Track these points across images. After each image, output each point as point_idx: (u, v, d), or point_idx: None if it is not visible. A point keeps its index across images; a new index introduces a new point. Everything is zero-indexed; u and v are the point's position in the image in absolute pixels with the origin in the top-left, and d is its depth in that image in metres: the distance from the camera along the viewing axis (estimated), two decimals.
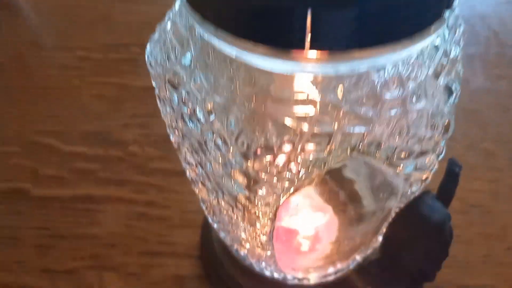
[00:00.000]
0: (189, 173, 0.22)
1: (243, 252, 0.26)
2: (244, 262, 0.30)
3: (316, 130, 0.15)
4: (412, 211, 0.19)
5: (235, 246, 0.26)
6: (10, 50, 0.50)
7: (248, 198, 0.18)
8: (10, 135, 0.43)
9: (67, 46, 0.51)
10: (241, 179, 0.17)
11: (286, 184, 0.17)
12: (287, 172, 0.16)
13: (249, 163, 0.16)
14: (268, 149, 0.15)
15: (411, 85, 0.15)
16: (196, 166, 0.21)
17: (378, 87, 0.15)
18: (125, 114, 0.44)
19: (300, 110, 0.15)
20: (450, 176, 0.21)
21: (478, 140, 0.41)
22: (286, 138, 0.15)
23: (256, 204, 0.18)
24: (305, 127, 0.15)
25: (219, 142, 0.16)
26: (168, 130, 0.22)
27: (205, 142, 0.18)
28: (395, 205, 0.19)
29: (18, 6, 0.54)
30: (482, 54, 0.48)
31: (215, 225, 0.26)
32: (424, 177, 0.18)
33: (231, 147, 0.16)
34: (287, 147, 0.15)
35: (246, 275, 0.31)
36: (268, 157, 0.15)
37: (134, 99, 0.46)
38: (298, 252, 0.27)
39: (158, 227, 0.37)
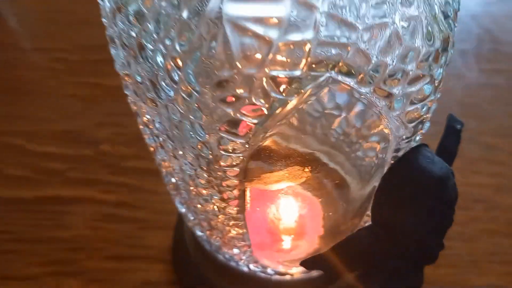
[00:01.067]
0: (148, 135, 0.19)
1: (216, 241, 0.23)
2: (220, 262, 0.26)
3: (289, 37, 0.12)
4: (409, 163, 0.15)
5: (206, 235, 0.23)
6: None
7: (208, 146, 0.15)
8: None
9: (44, 47, 0.49)
10: (198, 115, 0.14)
11: (252, 119, 0.13)
12: (254, 98, 0.13)
13: (207, 92, 0.13)
14: (229, 66, 0.12)
15: None
16: (153, 122, 0.18)
17: None
18: (99, 113, 0.41)
19: (267, 11, 0.12)
20: (451, 133, 0.18)
21: (477, 133, 0.39)
22: (249, 50, 0.12)
23: (220, 155, 0.15)
24: (274, 34, 0.12)
25: (170, 64, 0.13)
26: (123, 83, 0.19)
27: (157, 79, 0.15)
28: (388, 161, 0.16)
29: None
30: (475, 50, 0.46)
31: (182, 209, 0.23)
32: (420, 115, 0.15)
33: (179, 78, 0.13)
34: (251, 63, 0.12)
35: (222, 275, 0.27)
36: (228, 75, 0.12)
37: (109, 98, 0.43)
38: (278, 248, 0.24)
39: (129, 229, 0.33)
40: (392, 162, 0.16)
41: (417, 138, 0.17)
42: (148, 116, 0.18)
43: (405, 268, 0.18)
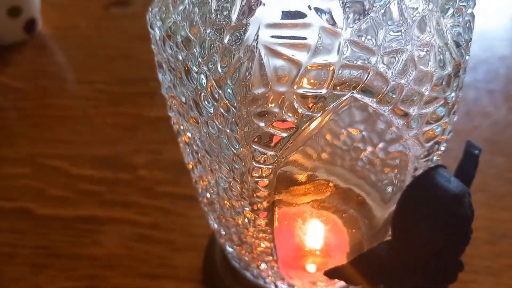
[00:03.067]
0: (187, 152, 0.21)
1: (245, 256, 0.24)
2: (248, 280, 0.27)
3: (315, 60, 0.14)
4: (426, 181, 0.17)
5: (236, 250, 0.24)
6: (34, 81, 0.52)
7: (242, 158, 0.17)
8: (22, 157, 0.43)
9: (87, 79, 0.52)
10: (234, 129, 0.16)
11: (282, 133, 0.15)
12: (284, 113, 0.14)
13: (243, 107, 0.15)
14: (263, 85, 0.14)
15: (414, 14, 0.14)
16: (194, 139, 0.20)
17: (380, 16, 0.14)
18: (137, 140, 0.44)
19: (297, 37, 0.14)
20: (469, 157, 0.19)
21: (504, 169, 0.39)
22: (281, 71, 0.14)
23: (252, 167, 0.17)
24: (302, 57, 0.14)
25: (212, 83, 0.15)
26: (168, 105, 0.21)
27: (200, 98, 0.17)
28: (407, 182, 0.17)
29: (45, 42, 0.57)
30: (503, 89, 0.47)
31: (214, 225, 0.24)
32: (435, 135, 0.16)
33: (219, 95, 0.15)
34: (281, 85, 0.14)
35: None
36: (262, 92, 0.14)
37: (147, 127, 0.45)
38: (304, 265, 0.25)
39: (161, 250, 0.35)
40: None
41: (434, 158, 0.18)
42: (189, 134, 0.20)
43: (425, 285, 0.19)
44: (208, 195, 0.22)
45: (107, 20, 0.60)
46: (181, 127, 0.20)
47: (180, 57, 0.17)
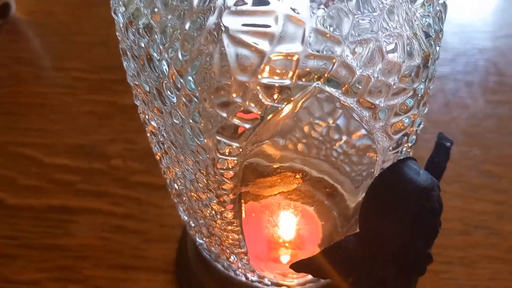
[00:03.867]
0: (155, 142, 0.20)
1: (214, 249, 0.23)
2: (219, 271, 0.27)
3: (279, 49, 0.13)
4: (395, 173, 0.16)
5: (206, 242, 0.24)
6: (8, 67, 0.50)
7: (206, 150, 0.16)
8: None
9: (63, 66, 0.51)
10: (197, 120, 0.15)
11: (246, 124, 0.15)
12: (248, 104, 0.14)
13: (205, 98, 0.14)
14: (225, 74, 0.14)
15: (383, 4, 0.13)
16: (159, 130, 0.19)
17: (347, 4, 0.13)
18: (113, 129, 0.43)
19: (260, 26, 0.13)
20: (440, 150, 0.19)
21: (480, 161, 0.39)
22: (244, 60, 0.14)
23: (217, 158, 0.16)
24: (266, 46, 0.13)
25: (174, 72, 0.15)
26: (134, 94, 0.20)
27: (163, 87, 0.16)
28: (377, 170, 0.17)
29: (19, 27, 0.55)
30: (481, 82, 0.47)
31: (184, 216, 0.24)
32: (404, 127, 0.16)
33: (181, 85, 0.15)
34: (244, 74, 0.14)
35: (221, 285, 0.28)
36: (224, 82, 0.14)
37: (123, 115, 0.45)
38: (274, 257, 0.25)
39: (134, 240, 0.34)
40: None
41: (404, 150, 0.18)
42: (155, 124, 0.20)
43: (394, 277, 0.19)
44: (176, 186, 0.21)
45: (84, 6, 0.58)
46: (147, 116, 0.19)
47: (142, 44, 0.16)
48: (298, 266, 0.18)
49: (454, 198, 0.37)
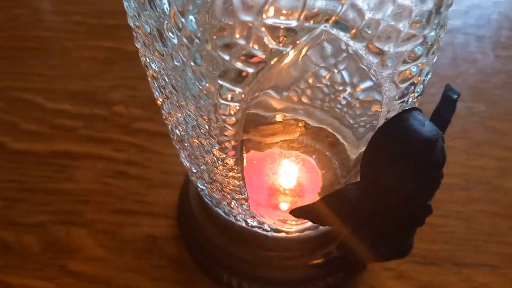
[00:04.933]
0: (156, 87, 0.20)
1: (216, 194, 0.24)
2: (219, 217, 0.27)
3: None
4: (399, 123, 0.16)
5: (208, 188, 0.24)
6: (7, 11, 0.49)
7: (208, 95, 0.16)
8: None
9: (64, 10, 0.50)
10: (199, 63, 0.15)
11: (250, 68, 0.14)
12: (252, 46, 0.13)
13: (207, 38, 0.14)
14: (227, 13, 0.13)
15: None
16: (160, 73, 0.19)
17: None
18: (114, 76, 0.43)
19: None
20: (446, 102, 0.19)
21: (486, 117, 0.39)
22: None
23: (219, 104, 0.16)
24: None
25: (175, 10, 0.14)
26: (134, 36, 0.20)
27: (164, 28, 0.16)
28: (381, 120, 0.17)
29: None
30: (492, 36, 0.46)
31: (186, 162, 0.24)
32: (412, 76, 0.16)
33: (182, 25, 0.14)
34: (248, 14, 0.13)
35: (221, 230, 0.28)
36: (227, 22, 0.13)
37: (125, 62, 0.44)
38: (274, 204, 0.25)
39: (136, 186, 0.35)
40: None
41: (410, 100, 0.17)
42: (156, 68, 0.19)
43: (392, 230, 0.19)
44: (177, 132, 0.21)
45: None
46: (147, 59, 0.19)
47: None
48: (298, 212, 0.18)
49: (458, 153, 0.37)
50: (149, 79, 0.21)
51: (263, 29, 0.13)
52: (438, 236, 0.32)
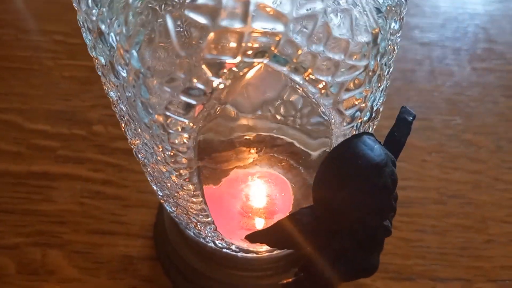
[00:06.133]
0: (117, 114, 0.20)
1: (183, 218, 0.24)
2: (191, 238, 0.27)
3: (222, 25, 0.13)
4: (347, 148, 0.16)
5: (175, 211, 0.24)
6: None
7: (159, 125, 0.16)
8: None
9: (45, 30, 0.50)
10: (146, 96, 0.15)
11: (193, 100, 0.14)
12: (194, 81, 0.14)
13: (149, 76, 0.14)
14: (168, 52, 0.13)
15: None
16: (118, 102, 0.19)
17: None
18: (93, 95, 0.43)
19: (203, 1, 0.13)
20: (402, 124, 0.19)
21: (461, 130, 0.39)
22: (187, 36, 0.13)
23: (169, 133, 0.16)
24: (208, 21, 0.13)
25: (121, 46, 0.14)
26: (96, 66, 0.20)
27: (114, 61, 0.16)
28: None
29: None
30: (469, 49, 0.46)
31: (153, 185, 0.24)
32: (357, 102, 0.16)
33: (128, 59, 0.14)
34: (185, 52, 0.13)
35: (192, 251, 0.28)
36: (167, 59, 0.13)
37: None
38: (240, 225, 0.25)
39: (113, 206, 0.35)
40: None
41: (359, 126, 0.17)
42: (114, 97, 0.19)
43: (351, 250, 0.19)
44: (140, 157, 0.21)
45: None
46: (106, 88, 0.19)
47: (93, 17, 0.16)
48: (253, 237, 0.18)
49: (432, 168, 0.37)
50: (112, 106, 0.21)
51: (202, 64, 0.14)
52: (413, 251, 0.32)
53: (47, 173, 0.37)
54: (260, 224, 0.25)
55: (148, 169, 0.22)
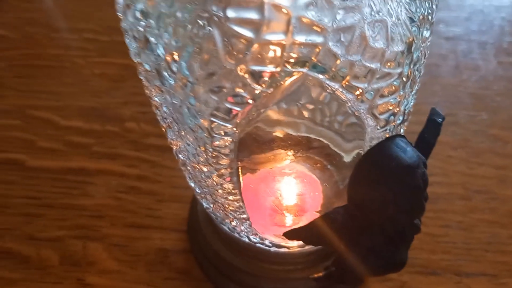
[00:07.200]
0: (159, 116, 0.21)
1: (219, 213, 0.25)
2: (225, 233, 0.28)
3: (265, 37, 0.14)
4: (381, 150, 0.17)
5: (212, 207, 0.25)
6: (22, 29, 0.51)
7: (203, 129, 0.17)
8: (11, 108, 0.43)
9: (75, 28, 0.52)
10: (193, 103, 0.16)
11: (237, 107, 0.15)
12: (237, 89, 0.15)
13: (197, 84, 0.15)
14: (214, 61, 0.14)
15: None
16: (161, 106, 0.20)
17: None
18: (125, 92, 0.44)
19: (248, 15, 0.14)
20: (431, 125, 0.20)
21: (487, 125, 0.39)
22: (233, 48, 0.14)
23: (213, 137, 0.17)
24: (252, 34, 0.14)
25: (169, 56, 0.15)
26: (138, 70, 0.21)
27: (161, 69, 0.17)
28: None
29: None
30: (495, 42, 0.46)
31: (191, 183, 0.25)
32: (391, 107, 0.17)
33: (176, 69, 0.16)
34: (231, 62, 0.14)
35: (226, 245, 0.30)
36: (214, 69, 0.14)
37: (135, 78, 0.45)
38: (274, 222, 0.26)
39: (148, 201, 0.36)
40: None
41: (392, 129, 0.18)
42: (157, 100, 0.21)
43: (381, 246, 0.20)
44: (181, 156, 0.23)
45: None
46: (149, 92, 0.20)
47: (140, 28, 0.17)
48: (290, 235, 0.19)
49: (459, 163, 0.37)
50: (153, 108, 0.22)
51: (246, 74, 0.15)
52: (439, 246, 0.33)
53: (84, 169, 0.38)
54: (290, 220, 0.26)
55: (188, 168, 0.23)
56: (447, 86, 0.43)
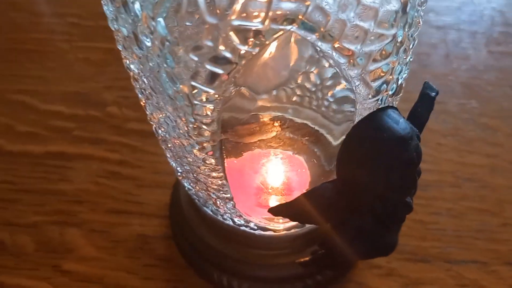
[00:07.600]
0: (138, 89, 0.20)
1: (202, 194, 0.24)
2: (208, 216, 0.27)
3: None
4: (372, 121, 0.16)
5: (194, 188, 0.24)
6: (4, 14, 0.50)
7: (183, 96, 0.16)
8: None
9: (58, 12, 0.50)
10: (171, 65, 0.15)
11: (219, 69, 0.14)
12: (220, 48, 0.14)
13: (176, 43, 0.14)
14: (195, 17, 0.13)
15: None
16: (140, 75, 0.19)
17: None
18: (108, 77, 0.43)
19: None
20: (425, 99, 0.19)
21: (477, 114, 0.39)
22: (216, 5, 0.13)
23: (194, 105, 0.16)
24: None
25: (146, 14, 0.14)
26: (116, 39, 0.20)
27: (138, 31, 0.16)
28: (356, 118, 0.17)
29: None
30: (485, 32, 0.46)
31: (172, 162, 0.24)
32: (383, 74, 0.16)
33: (153, 27, 0.14)
34: (214, 16, 0.13)
35: (209, 229, 0.28)
36: (194, 25, 0.13)
37: (118, 62, 0.44)
38: (259, 202, 0.25)
39: (128, 186, 0.35)
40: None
41: (384, 99, 0.17)
42: (135, 70, 0.19)
43: (371, 227, 0.19)
44: (161, 132, 0.21)
45: None
46: (127, 61, 0.19)
47: None
48: (276, 211, 0.18)
49: (449, 151, 0.37)
50: (132, 80, 0.21)
51: (230, 31, 0.14)
52: (428, 233, 0.32)
53: (64, 153, 0.37)
54: (276, 201, 0.25)
55: (169, 145, 0.22)
56: (438, 75, 0.42)
